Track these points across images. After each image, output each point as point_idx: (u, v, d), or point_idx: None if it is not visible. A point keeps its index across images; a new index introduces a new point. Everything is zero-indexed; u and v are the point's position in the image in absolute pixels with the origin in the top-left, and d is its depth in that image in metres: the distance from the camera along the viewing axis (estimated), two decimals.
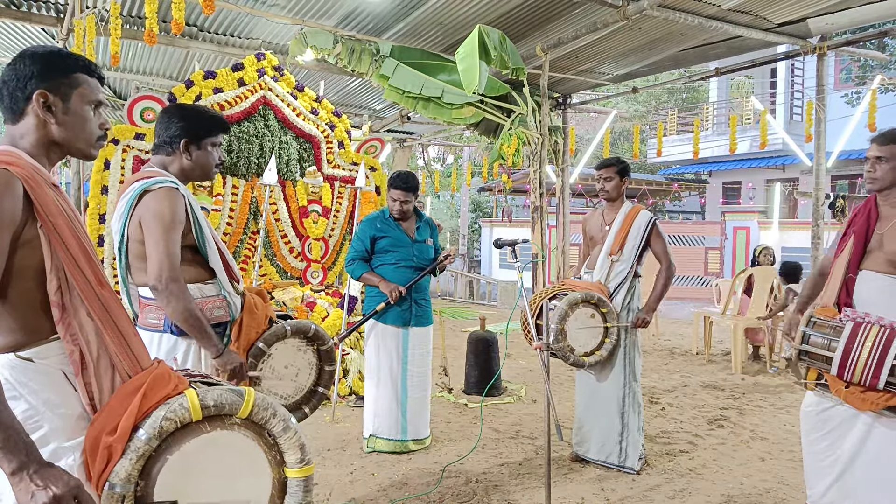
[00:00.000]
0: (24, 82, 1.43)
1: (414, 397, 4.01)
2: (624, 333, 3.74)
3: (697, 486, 3.56)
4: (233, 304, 2.27)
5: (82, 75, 1.50)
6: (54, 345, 1.40)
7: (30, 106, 1.44)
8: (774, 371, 6.44)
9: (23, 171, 1.36)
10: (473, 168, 19.87)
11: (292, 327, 2.38)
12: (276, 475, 1.53)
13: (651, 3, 5.59)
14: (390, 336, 3.96)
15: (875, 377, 2.35)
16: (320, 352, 2.50)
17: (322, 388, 2.52)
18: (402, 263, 3.94)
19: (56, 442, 1.37)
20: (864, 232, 2.61)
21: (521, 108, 7.62)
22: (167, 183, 2.15)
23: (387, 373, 3.95)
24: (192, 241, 2.18)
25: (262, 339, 2.31)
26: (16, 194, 1.33)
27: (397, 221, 4.00)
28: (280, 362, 2.39)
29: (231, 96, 5.34)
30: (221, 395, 1.47)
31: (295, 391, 2.45)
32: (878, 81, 9.53)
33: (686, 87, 21.00)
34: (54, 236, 1.38)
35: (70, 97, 1.47)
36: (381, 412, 3.97)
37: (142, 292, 2.24)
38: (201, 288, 2.21)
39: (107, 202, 4.71)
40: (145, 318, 2.24)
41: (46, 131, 1.46)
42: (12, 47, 7.81)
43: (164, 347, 2.20)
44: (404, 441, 3.99)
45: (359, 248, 3.99)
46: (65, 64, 1.47)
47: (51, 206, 1.38)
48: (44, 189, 1.39)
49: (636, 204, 3.98)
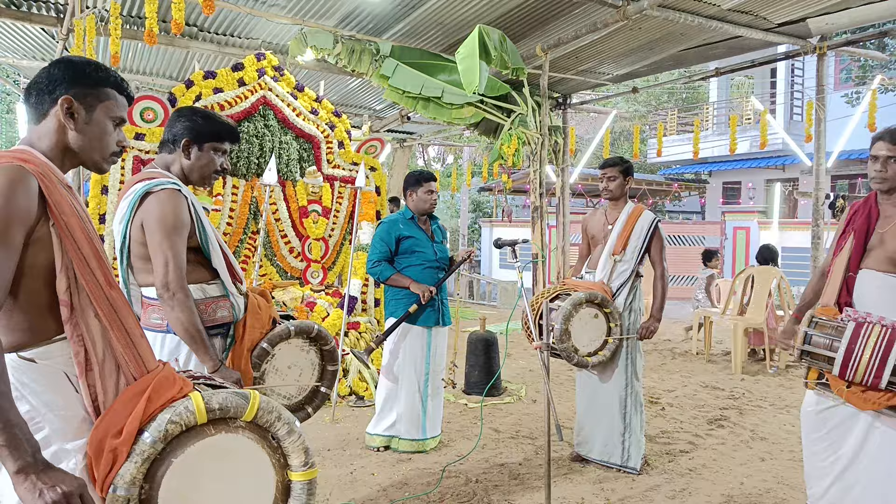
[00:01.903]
0: (53, 85, 1.46)
1: (433, 396, 4.04)
2: (625, 334, 3.74)
3: (697, 486, 3.56)
4: (236, 304, 2.27)
5: (111, 90, 1.53)
6: (57, 346, 1.40)
7: (53, 109, 1.47)
8: (774, 371, 6.44)
9: (38, 168, 1.37)
10: (473, 168, 19.87)
11: (296, 328, 2.39)
12: (280, 478, 1.53)
13: (651, 3, 5.59)
14: (417, 337, 3.97)
15: (877, 377, 2.35)
16: (323, 352, 2.51)
17: (325, 388, 2.53)
18: (427, 264, 3.97)
19: (57, 444, 1.37)
20: (865, 231, 2.60)
21: (521, 108, 7.61)
22: (169, 185, 2.14)
23: (411, 373, 3.95)
24: (195, 242, 2.18)
25: (266, 339, 2.31)
26: (31, 191, 1.34)
27: (420, 224, 4.04)
28: (283, 362, 2.40)
29: (231, 96, 5.34)
30: (226, 399, 1.47)
31: (298, 391, 2.47)
32: (878, 81, 9.53)
33: (686, 87, 20.99)
34: (66, 236, 1.38)
35: (95, 108, 1.50)
36: (403, 412, 3.97)
37: (145, 292, 2.23)
38: (204, 288, 2.20)
39: (107, 202, 4.72)
40: (148, 319, 2.23)
41: (64, 136, 1.48)
42: (12, 47, 7.80)
43: (167, 348, 2.20)
44: (424, 440, 4.02)
45: (383, 249, 3.95)
46: (97, 76, 1.51)
47: (64, 206, 1.39)
48: (58, 188, 1.40)
49: (638, 204, 3.98)
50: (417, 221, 4.04)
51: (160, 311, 2.17)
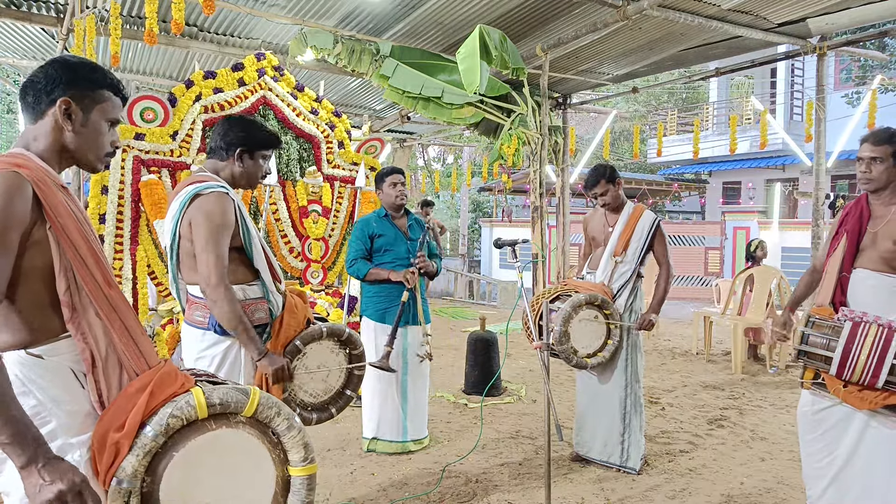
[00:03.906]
0: (51, 86, 1.47)
1: (414, 397, 4.01)
2: (626, 334, 3.74)
3: (697, 486, 3.56)
4: (275, 303, 2.39)
5: (108, 92, 1.55)
6: (63, 343, 1.43)
7: (51, 110, 1.48)
8: (774, 371, 6.44)
9: (33, 173, 1.39)
10: (473, 168, 19.88)
11: (328, 329, 2.52)
12: (280, 473, 1.56)
13: (651, 3, 5.60)
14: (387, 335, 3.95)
15: (875, 376, 2.36)
16: (352, 356, 2.62)
17: (350, 391, 2.63)
18: (398, 262, 3.94)
19: (63, 438, 1.40)
20: (857, 231, 2.62)
21: (521, 108, 7.62)
22: (218, 188, 2.28)
23: (386, 375, 3.93)
24: (238, 242, 2.31)
25: (300, 337, 2.45)
26: (25, 196, 1.36)
27: (393, 219, 4.02)
28: (313, 362, 2.51)
29: (231, 96, 5.33)
30: (227, 394, 1.50)
31: (324, 391, 2.56)
32: (878, 81, 9.54)
33: (686, 87, 21.00)
34: (63, 237, 1.41)
35: (91, 110, 1.52)
36: (381, 414, 3.97)
37: (190, 290, 2.35)
38: (244, 290, 2.33)
39: (107, 202, 4.71)
40: (192, 315, 2.35)
41: (60, 137, 1.49)
42: (12, 47, 7.81)
43: (205, 344, 2.32)
44: (404, 442, 4.00)
45: (359, 247, 3.98)
46: (94, 78, 1.53)
47: (60, 208, 1.42)
48: (53, 191, 1.42)
49: (638, 204, 3.98)
50: (392, 218, 4.03)
51: (203, 308, 2.30)
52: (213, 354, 2.31)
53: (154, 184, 4.71)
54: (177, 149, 4.95)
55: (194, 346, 2.35)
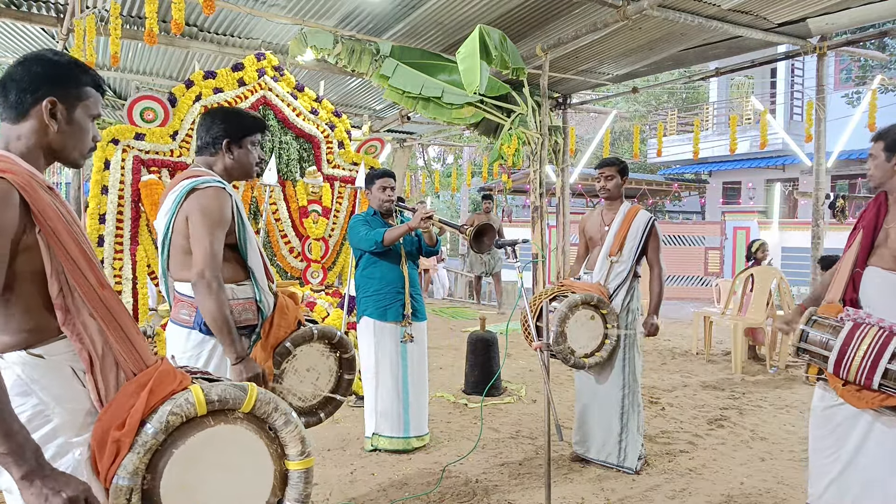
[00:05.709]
0: (35, 85, 1.45)
1: (415, 393, 4.02)
2: (623, 334, 3.74)
3: (697, 486, 3.56)
4: (266, 302, 2.33)
5: (90, 89, 1.54)
6: (63, 342, 1.43)
7: (35, 109, 1.45)
8: (774, 371, 6.44)
9: (18, 178, 1.37)
10: (473, 168, 19.88)
11: (319, 331, 2.45)
12: (278, 467, 1.57)
13: (651, 3, 5.60)
14: (388, 333, 3.96)
15: (868, 378, 2.35)
16: (342, 359, 2.56)
17: (339, 396, 2.57)
18: (394, 256, 3.98)
19: (64, 436, 1.41)
20: (873, 227, 2.61)
21: (521, 108, 7.62)
22: (215, 183, 2.23)
23: (387, 370, 3.94)
24: (233, 239, 2.26)
25: (290, 339, 2.38)
26: (12, 203, 1.35)
27: (384, 219, 4.03)
28: (303, 364, 2.45)
29: (231, 96, 5.34)
30: (225, 391, 1.51)
31: (313, 395, 2.50)
32: (878, 81, 9.54)
33: (686, 87, 21.00)
34: (53, 240, 1.40)
35: (75, 108, 1.50)
36: (383, 410, 3.97)
37: (178, 287, 2.30)
38: (234, 289, 2.26)
39: (107, 202, 4.71)
40: (177, 313, 2.30)
41: (45, 137, 1.48)
42: (12, 47, 7.81)
43: (190, 343, 2.27)
44: (407, 438, 4.00)
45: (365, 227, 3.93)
46: (77, 75, 1.51)
47: (48, 211, 1.40)
48: (40, 194, 1.40)
49: (635, 204, 3.98)
50: (382, 218, 4.03)
51: (189, 307, 2.24)
52: (197, 354, 2.26)
53: (154, 184, 4.71)
54: (177, 149, 4.96)
55: (179, 346, 2.29)
